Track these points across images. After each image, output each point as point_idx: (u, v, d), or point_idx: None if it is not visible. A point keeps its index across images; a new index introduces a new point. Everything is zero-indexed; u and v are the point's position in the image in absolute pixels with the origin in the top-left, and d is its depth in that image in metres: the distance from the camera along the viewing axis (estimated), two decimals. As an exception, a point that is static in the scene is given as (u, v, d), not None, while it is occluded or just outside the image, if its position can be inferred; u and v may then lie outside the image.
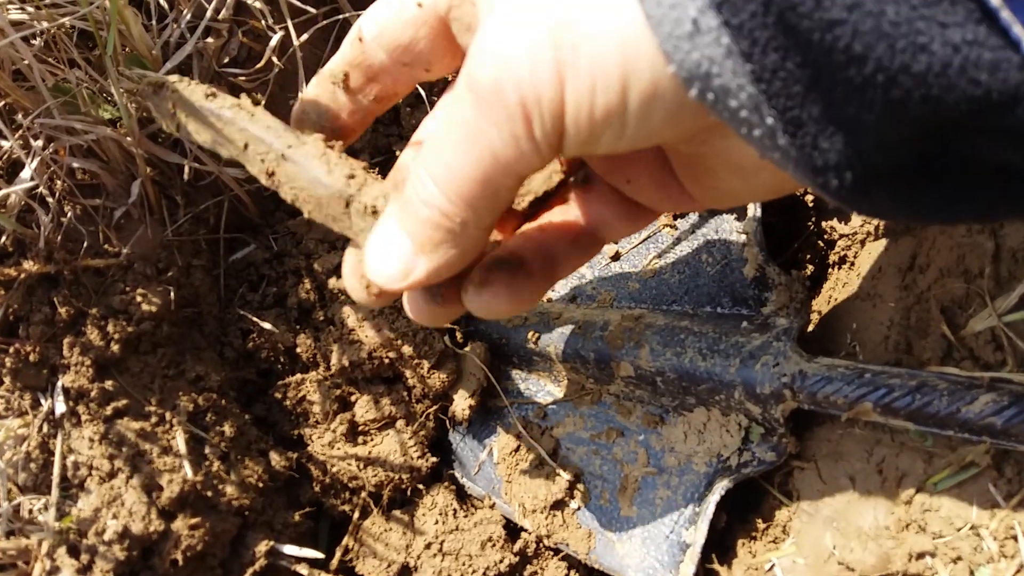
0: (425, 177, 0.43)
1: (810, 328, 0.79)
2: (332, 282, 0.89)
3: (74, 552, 0.73)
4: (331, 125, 0.56)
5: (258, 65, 0.81)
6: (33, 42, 0.75)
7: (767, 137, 0.34)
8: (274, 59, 0.80)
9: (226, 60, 0.83)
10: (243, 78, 0.83)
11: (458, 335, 0.93)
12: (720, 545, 0.75)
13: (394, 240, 0.46)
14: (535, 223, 0.57)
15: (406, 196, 0.45)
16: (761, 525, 0.75)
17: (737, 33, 0.32)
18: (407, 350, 0.85)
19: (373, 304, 0.53)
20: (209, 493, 0.79)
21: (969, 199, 0.36)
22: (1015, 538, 0.58)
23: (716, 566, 0.72)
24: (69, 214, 0.78)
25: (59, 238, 0.78)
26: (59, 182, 0.78)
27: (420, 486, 0.87)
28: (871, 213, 0.38)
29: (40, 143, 0.76)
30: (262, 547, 0.81)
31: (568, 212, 0.57)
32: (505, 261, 0.51)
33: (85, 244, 0.79)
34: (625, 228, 0.58)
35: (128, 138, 0.77)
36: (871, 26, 0.30)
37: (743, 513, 0.77)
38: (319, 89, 0.55)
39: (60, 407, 0.76)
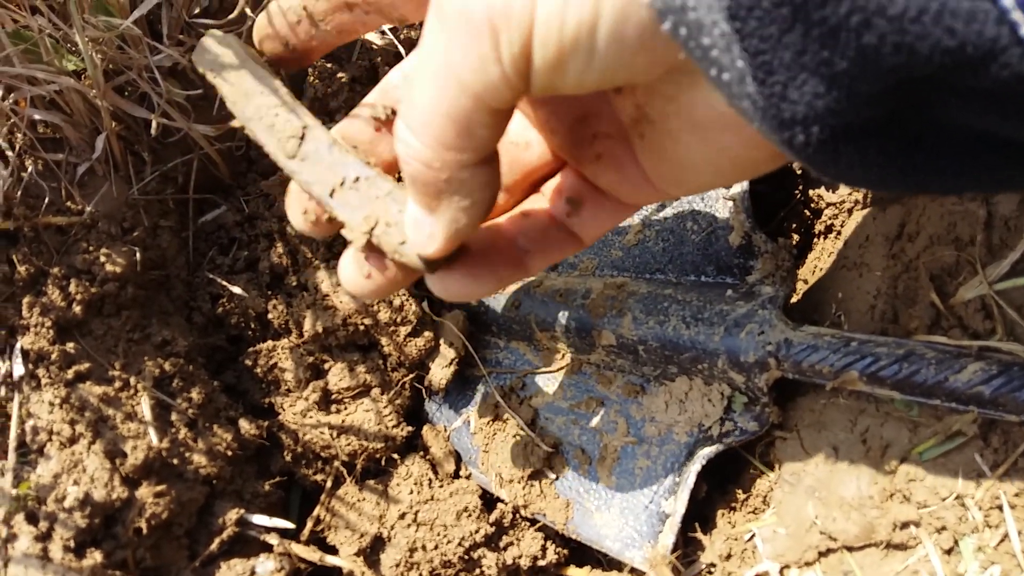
0: (401, 128, 0.42)
1: (795, 298, 0.78)
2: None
3: (32, 519, 0.70)
4: (289, 46, 0.56)
5: (230, 16, 0.78)
6: (-9, -15, 0.71)
7: (736, 82, 0.33)
8: (247, 10, 0.76)
9: (197, 10, 0.79)
10: (214, 30, 0.79)
11: (436, 302, 0.91)
12: (699, 516, 0.74)
13: (411, 210, 0.46)
14: (503, 215, 0.58)
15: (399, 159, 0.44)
16: (741, 495, 0.74)
17: None
18: (383, 317, 0.83)
19: (373, 293, 0.54)
20: (175, 461, 0.77)
21: (939, 167, 0.35)
22: (1000, 508, 0.57)
23: (698, 535, 0.71)
24: (30, 168, 0.75)
25: (19, 193, 0.74)
26: (19, 135, 0.74)
27: (395, 456, 0.85)
28: (837, 177, 0.36)
29: (-1, 92, 0.72)
30: (231, 515, 0.79)
31: (539, 203, 0.57)
32: (461, 248, 0.50)
33: (46, 200, 0.75)
34: (594, 222, 0.56)
35: (93, 90, 0.74)
36: None
37: (722, 483, 0.76)
38: (282, 8, 0.55)
39: (19, 369, 0.73)
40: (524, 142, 0.56)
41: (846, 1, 0.29)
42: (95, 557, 0.70)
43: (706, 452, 0.70)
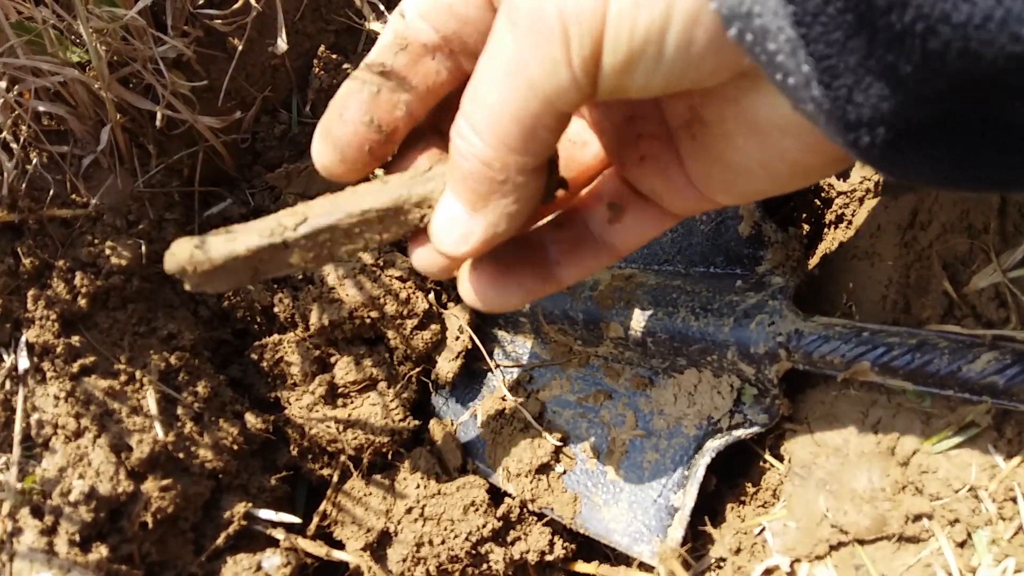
0: (462, 125, 0.42)
1: (805, 288, 0.77)
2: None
3: (38, 513, 0.69)
4: (374, 122, 0.52)
5: (235, 6, 0.77)
6: (-5, -23, 0.71)
7: (801, 86, 0.33)
8: (252, 1, 0.76)
9: (201, 1, 0.79)
10: (219, 21, 0.79)
11: (443, 295, 0.91)
12: (708, 509, 0.73)
13: (449, 206, 0.46)
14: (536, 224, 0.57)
15: (450, 156, 0.44)
16: (751, 489, 0.73)
17: None
18: (390, 310, 0.83)
19: (442, 273, 0.52)
20: (181, 455, 0.76)
21: (1002, 166, 0.35)
22: (1015, 500, 0.56)
23: (708, 529, 0.70)
24: (35, 161, 0.75)
25: (24, 186, 0.74)
26: (24, 127, 0.74)
27: (401, 450, 0.85)
28: (904, 176, 0.36)
29: (3, 84, 0.72)
30: (238, 510, 0.78)
31: (575, 214, 0.56)
32: (491, 256, 0.51)
33: (51, 193, 0.75)
34: (635, 230, 0.55)
35: (97, 82, 0.73)
36: None
37: (732, 476, 0.76)
38: (358, 82, 0.51)
39: (24, 363, 0.73)
40: (581, 141, 0.57)
41: (910, 8, 0.29)
42: (100, 551, 0.70)
43: (715, 445, 0.69)
